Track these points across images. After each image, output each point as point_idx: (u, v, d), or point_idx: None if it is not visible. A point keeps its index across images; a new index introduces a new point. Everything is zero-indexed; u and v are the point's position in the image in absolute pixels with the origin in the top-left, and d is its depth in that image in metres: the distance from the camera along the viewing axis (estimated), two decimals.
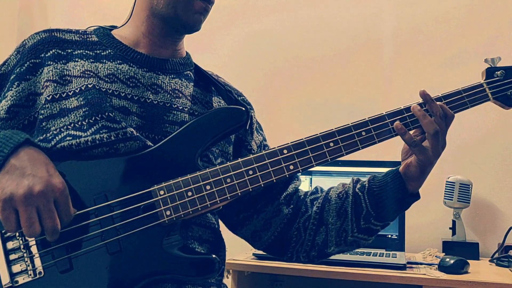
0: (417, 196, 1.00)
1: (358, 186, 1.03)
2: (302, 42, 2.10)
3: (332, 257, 1.43)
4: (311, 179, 1.74)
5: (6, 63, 0.97)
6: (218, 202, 0.88)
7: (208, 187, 0.88)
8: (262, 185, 0.90)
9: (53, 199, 0.79)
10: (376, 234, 1.04)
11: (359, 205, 1.00)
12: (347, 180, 1.81)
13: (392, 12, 1.99)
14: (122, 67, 0.97)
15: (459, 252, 1.54)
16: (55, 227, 0.79)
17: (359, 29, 2.03)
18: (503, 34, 1.84)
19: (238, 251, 1.62)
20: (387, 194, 0.98)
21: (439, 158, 0.96)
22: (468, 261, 1.42)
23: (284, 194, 1.08)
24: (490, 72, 1.02)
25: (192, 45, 1.17)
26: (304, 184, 1.75)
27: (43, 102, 0.91)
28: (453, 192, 1.67)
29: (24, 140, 0.82)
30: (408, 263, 1.48)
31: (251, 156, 0.91)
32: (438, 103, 0.96)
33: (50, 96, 0.91)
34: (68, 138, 0.88)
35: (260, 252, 1.53)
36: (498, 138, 1.82)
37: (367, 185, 1.02)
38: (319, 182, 1.73)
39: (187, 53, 1.09)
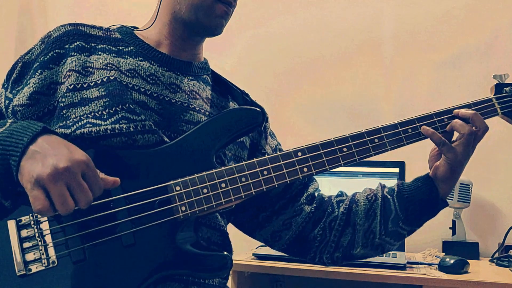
0: (445, 203, 1.02)
1: (386, 190, 1.04)
2: (305, 43, 2.10)
3: None
4: None
5: (30, 52, 0.98)
6: (233, 200, 0.90)
7: (223, 185, 0.90)
8: (276, 186, 0.92)
9: (80, 173, 0.78)
10: (402, 239, 1.05)
11: (388, 208, 1.01)
12: (347, 180, 1.81)
13: (393, 13, 1.99)
14: (143, 64, 0.99)
15: (459, 252, 1.54)
16: (88, 200, 0.79)
17: (360, 30, 2.03)
18: (503, 34, 1.85)
19: (238, 251, 1.62)
20: (418, 197, 1.00)
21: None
22: (468, 261, 1.42)
23: (305, 194, 1.09)
24: (499, 88, 1.05)
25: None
26: None
27: (64, 91, 0.92)
28: (453, 192, 1.67)
29: (41, 128, 0.83)
30: (408, 263, 1.48)
31: (266, 157, 0.93)
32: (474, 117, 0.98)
33: (72, 85, 0.92)
34: (88, 125, 0.89)
35: (261, 252, 1.54)
36: (499, 138, 1.82)
37: (396, 188, 1.03)
38: (319, 182, 1.73)
39: (205, 58, 1.11)
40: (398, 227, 1.01)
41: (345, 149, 0.95)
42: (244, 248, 1.65)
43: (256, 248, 1.62)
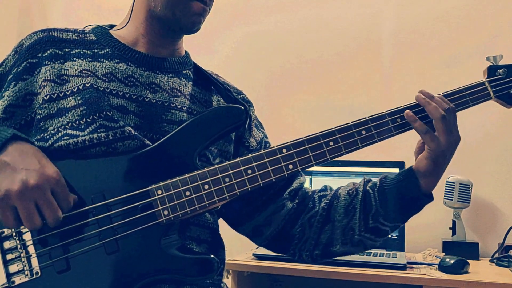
0: (430, 197, 0.97)
1: (370, 184, 1.01)
2: (302, 42, 2.10)
3: None
4: (311, 179, 1.74)
5: (4, 64, 0.97)
6: (217, 201, 0.88)
7: (206, 186, 0.88)
8: (261, 185, 0.90)
9: (49, 189, 0.78)
10: (385, 236, 1.00)
11: (368, 203, 0.98)
12: (347, 180, 1.80)
13: (392, 12, 1.99)
14: (120, 66, 0.96)
15: (459, 252, 1.54)
16: (56, 216, 0.79)
17: (359, 29, 2.03)
18: (503, 33, 1.85)
19: (238, 251, 1.62)
20: (399, 192, 0.96)
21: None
22: (468, 261, 1.42)
23: (289, 189, 1.07)
24: (492, 70, 1.01)
25: (192, 46, 1.17)
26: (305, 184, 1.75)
27: (40, 102, 0.91)
28: (453, 192, 1.67)
29: (11, 135, 0.82)
30: (408, 263, 1.48)
31: (250, 155, 0.90)
32: (435, 98, 0.95)
33: (48, 96, 0.91)
34: (65, 137, 0.88)
35: (260, 252, 1.54)
36: (498, 138, 1.82)
37: (378, 183, 0.99)
38: (319, 182, 1.73)
39: (186, 52, 1.09)
40: (379, 223, 0.97)
41: (331, 143, 0.92)
42: (244, 248, 1.65)
43: (256, 248, 1.62)
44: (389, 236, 1.65)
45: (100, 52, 0.97)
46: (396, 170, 1.68)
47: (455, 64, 1.88)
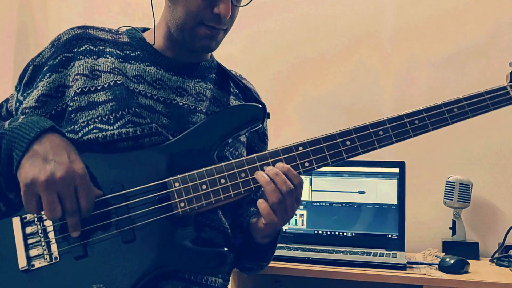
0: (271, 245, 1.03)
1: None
2: (303, 40, 2.09)
3: (333, 257, 1.44)
4: (311, 179, 1.74)
5: (41, 55, 1.01)
6: (232, 196, 0.90)
7: (222, 180, 0.90)
8: None
9: (74, 184, 0.81)
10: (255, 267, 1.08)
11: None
12: (347, 180, 1.80)
13: (392, 9, 1.98)
14: (150, 69, 1.00)
15: (459, 252, 1.54)
16: (76, 212, 0.82)
17: (359, 27, 2.02)
18: (503, 33, 1.85)
19: None
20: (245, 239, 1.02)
21: (439, 157, 0.94)
22: (468, 261, 1.42)
23: None
24: None
25: None
26: (305, 184, 1.74)
27: (72, 94, 0.94)
28: (453, 192, 1.67)
29: (49, 126, 0.85)
30: (408, 263, 1.48)
31: (267, 152, 0.92)
32: (280, 177, 0.89)
33: (80, 89, 0.94)
34: (95, 130, 0.91)
35: None
36: (498, 138, 1.82)
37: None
38: (319, 182, 1.73)
39: (211, 55, 1.11)
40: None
41: (348, 142, 0.93)
42: None
43: None
44: (389, 236, 1.65)
45: (131, 54, 1.01)
46: (396, 170, 1.67)
47: (455, 61, 1.88)
